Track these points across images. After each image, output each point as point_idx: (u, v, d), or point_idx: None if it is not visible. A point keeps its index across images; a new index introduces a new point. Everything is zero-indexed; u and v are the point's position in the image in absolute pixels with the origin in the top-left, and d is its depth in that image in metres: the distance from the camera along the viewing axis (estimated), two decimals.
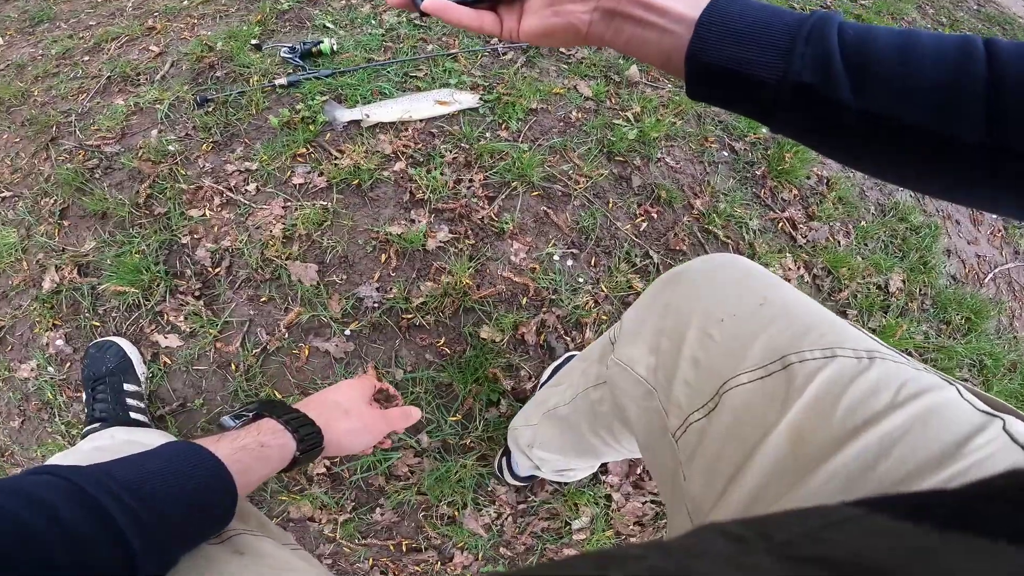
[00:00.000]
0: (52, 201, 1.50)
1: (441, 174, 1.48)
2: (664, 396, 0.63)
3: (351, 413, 0.76)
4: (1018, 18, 3.69)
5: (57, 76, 1.79)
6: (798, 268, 1.59)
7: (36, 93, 1.76)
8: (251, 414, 0.68)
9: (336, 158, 1.48)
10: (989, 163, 0.41)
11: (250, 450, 0.60)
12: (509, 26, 0.54)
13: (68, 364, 1.39)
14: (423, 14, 0.53)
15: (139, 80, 1.69)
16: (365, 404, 0.80)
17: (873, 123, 0.42)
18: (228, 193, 1.44)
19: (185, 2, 1.95)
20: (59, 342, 1.39)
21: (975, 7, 3.57)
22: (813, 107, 0.43)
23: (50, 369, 1.39)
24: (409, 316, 1.34)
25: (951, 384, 0.49)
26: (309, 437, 0.67)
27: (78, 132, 1.59)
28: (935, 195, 0.48)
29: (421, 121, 1.56)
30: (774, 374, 0.54)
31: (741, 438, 0.53)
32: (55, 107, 1.68)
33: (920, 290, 1.73)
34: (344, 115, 1.53)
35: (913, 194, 1.93)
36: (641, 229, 1.54)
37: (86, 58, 1.82)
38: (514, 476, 1.28)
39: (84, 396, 1.31)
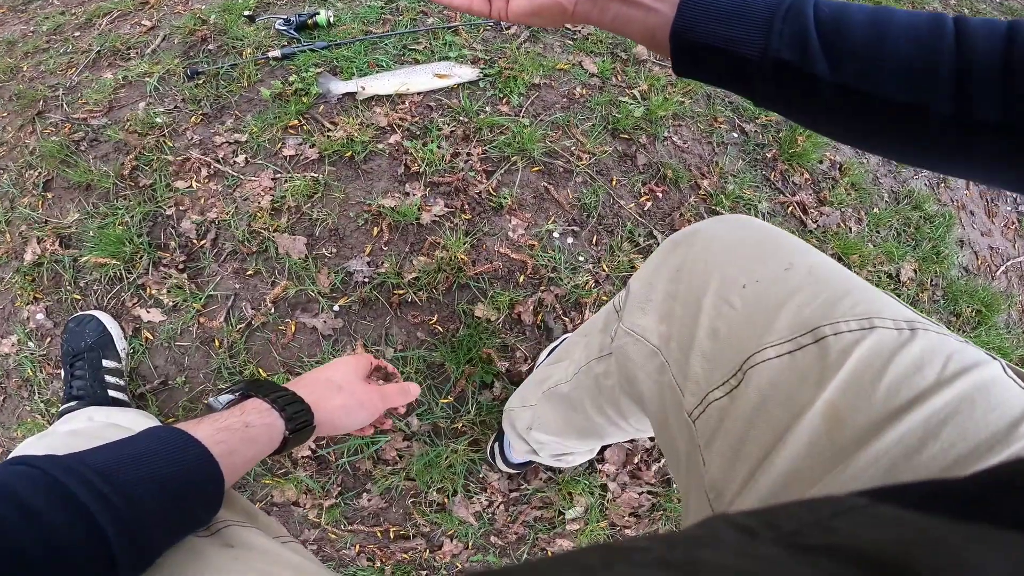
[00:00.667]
0: (36, 173, 1.45)
1: (438, 147, 1.42)
2: (679, 371, 0.57)
3: (344, 389, 0.73)
4: None
5: (47, 52, 1.74)
6: None
7: (25, 69, 1.71)
8: (237, 394, 0.65)
9: (329, 130, 1.42)
10: (958, 134, 0.42)
11: (234, 431, 0.57)
12: (497, 6, 0.55)
13: (48, 339, 1.34)
14: None
15: (129, 54, 1.64)
16: (360, 381, 0.76)
17: (849, 96, 0.44)
18: (216, 164, 1.39)
19: None
20: (40, 316, 1.34)
21: (998, 0, 3.50)
22: (792, 82, 0.46)
23: (30, 344, 1.34)
24: (401, 292, 1.28)
25: (994, 359, 0.46)
26: (298, 415, 0.64)
27: (65, 105, 1.55)
28: (907, 163, 0.51)
29: (419, 94, 1.51)
30: (805, 348, 0.49)
31: (770, 420, 0.49)
32: (43, 82, 1.64)
33: (931, 280, 1.66)
34: (339, 87, 1.47)
35: (928, 182, 1.86)
36: (645, 208, 1.47)
37: (77, 33, 1.78)
38: (507, 463, 1.22)
39: (62, 373, 1.26)
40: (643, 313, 0.64)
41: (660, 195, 1.50)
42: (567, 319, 1.32)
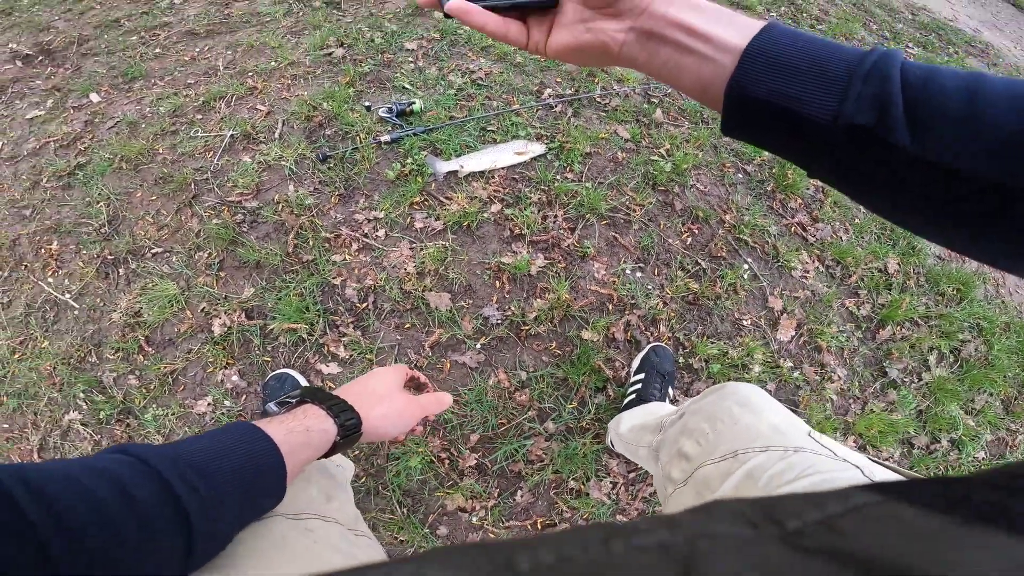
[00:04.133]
0: (207, 255, 1.78)
1: (531, 213, 1.83)
2: (665, 477, 0.95)
3: (386, 400, 0.79)
4: (948, 23, 4.23)
5: (176, 135, 2.05)
6: (813, 261, 2.00)
7: (160, 151, 2.01)
8: (294, 400, 0.72)
9: (445, 204, 1.82)
10: None
11: (297, 433, 0.63)
12: (536, 39, 0.53)
13: (244, 397, 1.66)
14: (447, 15, 0.51)
15: (259, 138, 1.98)
16: (399, 391, 0.83)
17: (930, 172, 0.40)
18: (364, 239, 1.76)
19: (272, 63, 2.25)
20: (235, 378, 1.67)
21: (910, 16, 4.08)
22: (864, 151, 0.41)
23: (227, 403, 1.65)
24: (526, 327, 1.69)
25: (858, 468, 0.66)
26: (349, 423, 0.71)
27: (216, 189, 1.88)
28: (991, 262, 0.44)
29: (504, 169, 1.91)
30: (727, 459, 0.78)
31: (699, 494, 0.79)
32: (185, 165, 1.96)
33: (914, 269, 2.12)
34: (443, 167, 1.86)
35: None
36: (688, 243, 1.92)
37: (199, 116, 2.09)
38: None
39: None
40: (666, 452, 1.05)
41: (696, 232, 1.95)
42: (649, 333, 1.76)
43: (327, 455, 0.69)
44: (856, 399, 1.78)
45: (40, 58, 2.65)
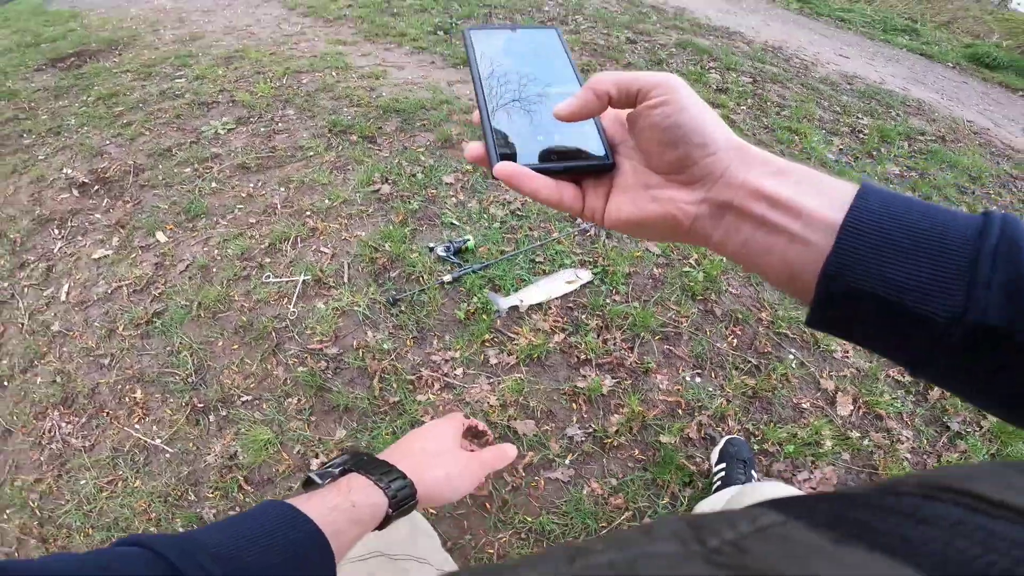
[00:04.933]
0: (297, 401, 1.90)
1: (591, 338, 2.01)
2: None
3: (444, 460, 0.71)
4: (880, 86, 4.69)
5: (248, 280, 2.20)
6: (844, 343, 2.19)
7: (236, 297, 2.15)
8: (338, 470, 0.64)
9: (514, 339, 1.98)
10: None
11: (342, 511, 0.58)
12: (592, 205, 0.46)
13: None
14: (494, 178, 0.45)
15: (328, 282, 2.14)
16: (457, 446, 0.75)
17: None
18: (444, 378, 1.90)
19: (327, 201, 2.44)
20: None
21: (848, 86, 4.54)
22: (992, 354, 0.32)
23: None
24: (608, 440, 1.82)
25: None
26: (401, 492, 0.63)
27: (297, 337, 2.01)
28: None
29: (558, 299, 2.10)
30: None
31: None
32: (262, 313, 2.09)
33: None
34: (505, 303, 2.04)
35: None
36: (734, 345, 2.11)
37: (267, 260, 2.24)
38: None
39: None
40: None
41: (739, 333, 2.14)
42: (720, 428, 1.90)
43: (380, 527, 0.62)
44: (929, 454, 1.92)
45: (96, 187, 2.77)
